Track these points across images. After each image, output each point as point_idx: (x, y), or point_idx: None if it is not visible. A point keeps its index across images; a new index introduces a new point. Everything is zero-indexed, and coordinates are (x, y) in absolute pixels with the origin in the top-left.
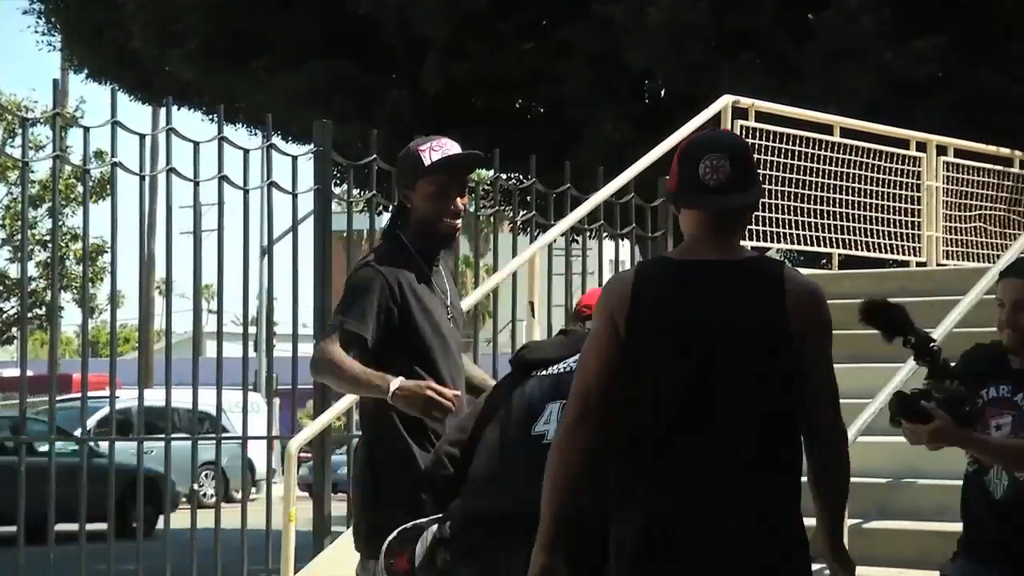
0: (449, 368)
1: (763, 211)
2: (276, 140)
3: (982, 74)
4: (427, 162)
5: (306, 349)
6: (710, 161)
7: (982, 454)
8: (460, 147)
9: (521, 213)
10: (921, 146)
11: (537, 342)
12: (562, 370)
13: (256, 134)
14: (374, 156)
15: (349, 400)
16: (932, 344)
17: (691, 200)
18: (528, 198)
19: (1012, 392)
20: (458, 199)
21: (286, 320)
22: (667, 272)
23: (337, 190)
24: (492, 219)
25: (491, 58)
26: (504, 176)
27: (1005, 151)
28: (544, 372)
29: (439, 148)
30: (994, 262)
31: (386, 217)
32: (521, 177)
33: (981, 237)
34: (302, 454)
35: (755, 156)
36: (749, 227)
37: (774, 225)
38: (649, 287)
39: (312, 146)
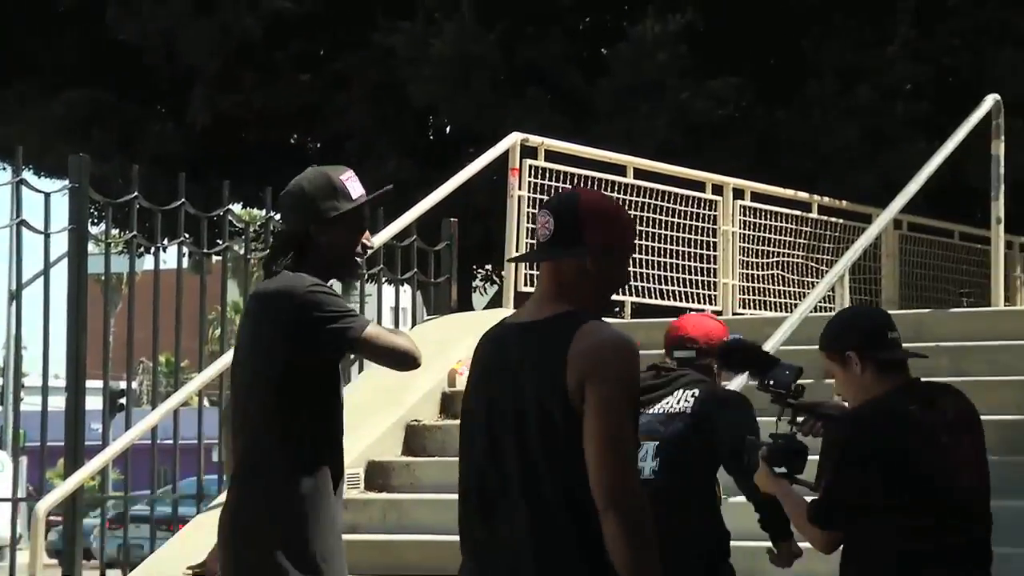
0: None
1: None
2: (28, 175)
3: (780, 115)
4: (355, 194)
5: (57, 402)
6: (540, 217)
7: (786, 509)
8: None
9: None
10: (718, 189)
11: None
12: (656, 412)
13: (5, 168)
14: (135, 194)
15: (104, 458)
16: (791, 388)
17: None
18: None
19: None
20: (369, 234)
21: (35, 371)
22: (491, 334)
23: (94, 230)
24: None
25: (264, 90)
26: (277, 216)
27: (804, 195)
28: (645, 411)
29: (355, 179)
30: (791, 311)
31: (149, 260)
32: None
33: (779, 285)
34: (51, 517)
35: (545, 199)
36: (529, 273)
37: None
38: (477, 350)
39: (67, 182)
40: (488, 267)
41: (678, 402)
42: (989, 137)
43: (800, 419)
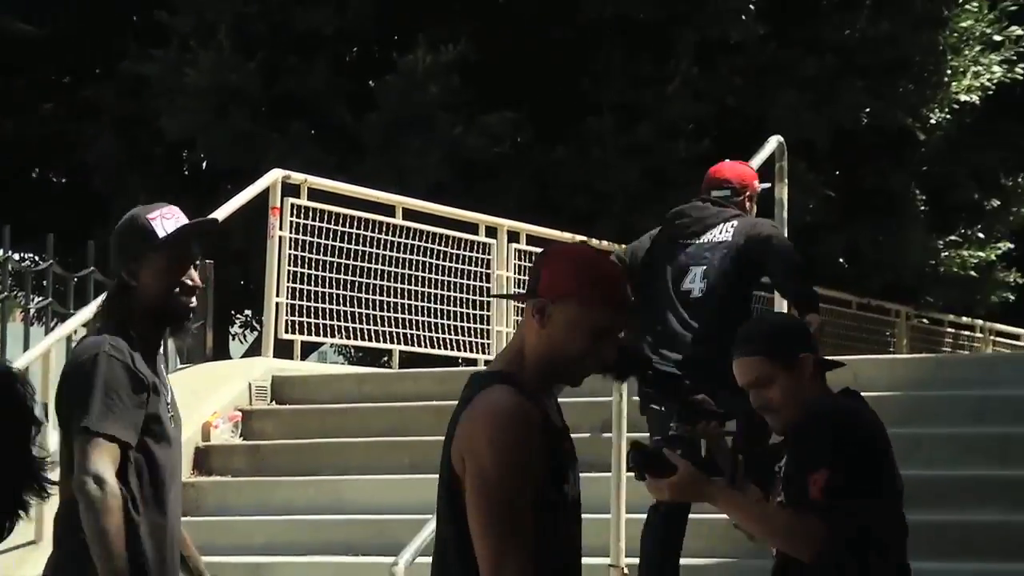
0: (175, 494)
1: (317, 301)
2: None
3: (558, 153)
4: (160, 232)
5: None
6: None
7: (733, 511)
8: (182, 215)
9: (35, 300)
10: (492, 231)
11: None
12: (703, 241)
13: None
14: None
15: None
16: (676, 381)
17: None
18: (44, 282)
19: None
20: (194, 273)
21: None
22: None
23: None
24: (1, 306)
25: (1, 120)
26: (16, 257)
27: (580, 239)
28: (690, 242)
29: (170, 216)
30: None
31: None
32: (36, 258)
33: None
34: None
35: (309, 239)
36: (301, 320)
37: (330, 317)
38: None
39: None
40: (248, 312)
41: (720, 233)
42: (773, 181)
43: (686, 418)
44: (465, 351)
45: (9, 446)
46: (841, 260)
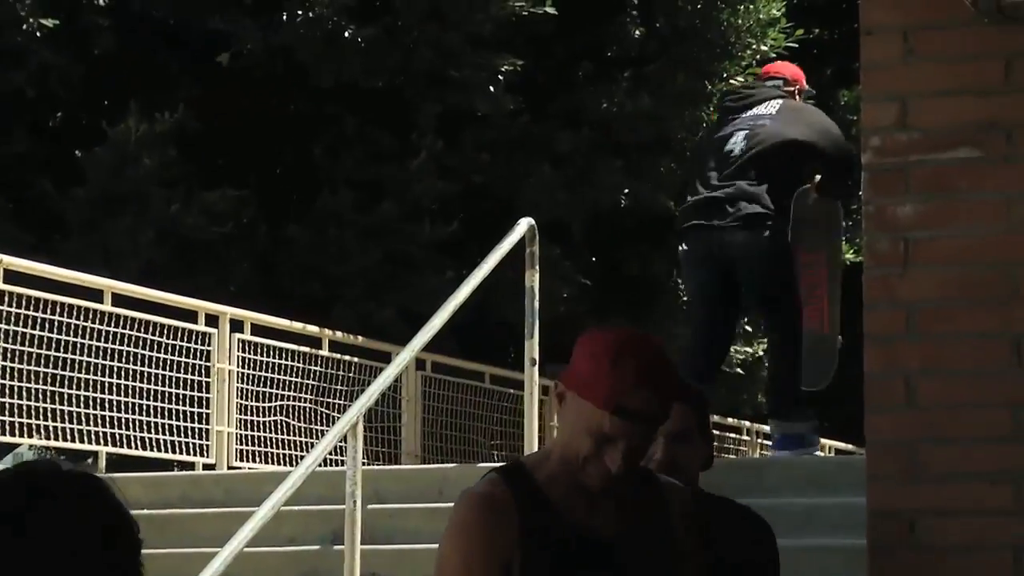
0: None
1: (12, 397)
2: None
3: (288, 233)
4: None
5: None
6: None
7: None
8: None
9: None
10: (212, 320)
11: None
12: (749, 114)
13: None
14: None
15: None
16: None
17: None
18: None
19: None
20: None
21: None
22: None
23: None
24: None
25: None
26: None
27: (313, 329)
28: (737, 116)
29: None
30: (296, 463)
31: None
32: None
33: (283, 434)
34: None
35: (3, 327)
36: None
37: (27, 415)
38: None
39: None
40: None
41: (765, 108)
42: (523, 267)
43: None
44: (181, 453)
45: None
46: None
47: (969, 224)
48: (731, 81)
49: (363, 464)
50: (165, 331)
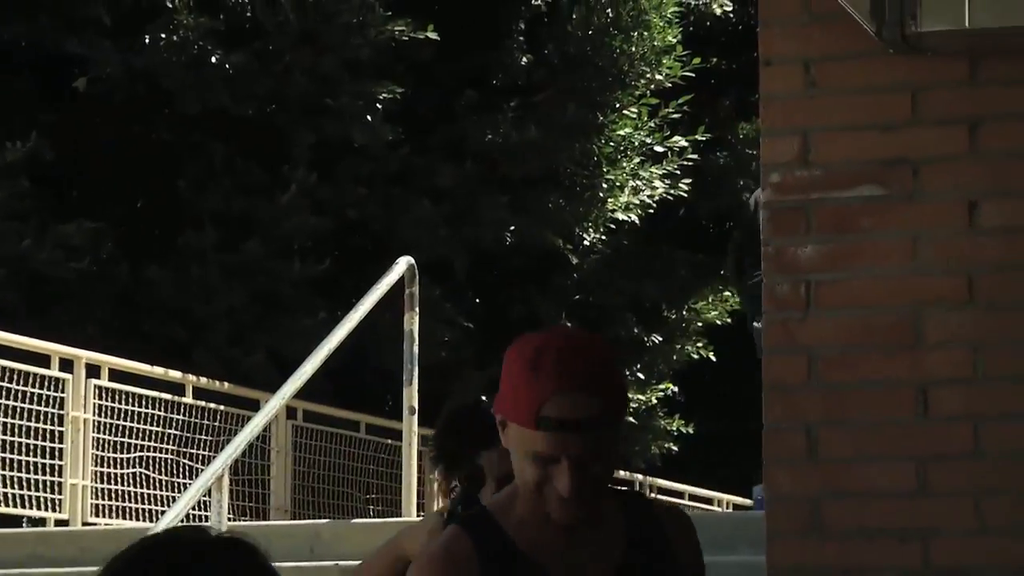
0: None
1: None
2: None
3: (150, 272)
4: None
5: None
6: None
7: None
8: None
9: None
10: (67, 364)
11: None
12: None
13: None
14: None
15: None
16: None
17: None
18: None
19: None
20: None
21: None
22: None
23: None
24: None
25: None
26: None
27: (176, 374)
28: None
29: None
30: (157, 519)
31: None
32: None
33: (143, 487)
34: None
35: None
36: None
37: None
38: None
39: None
40: None
41: None
42: (401, 308)
43: None
44: (31, 508)
45: None
46: (485, 398)
47: (874, 265)
48: (624, 112)
49: (229, 520)
50: (14, 376)
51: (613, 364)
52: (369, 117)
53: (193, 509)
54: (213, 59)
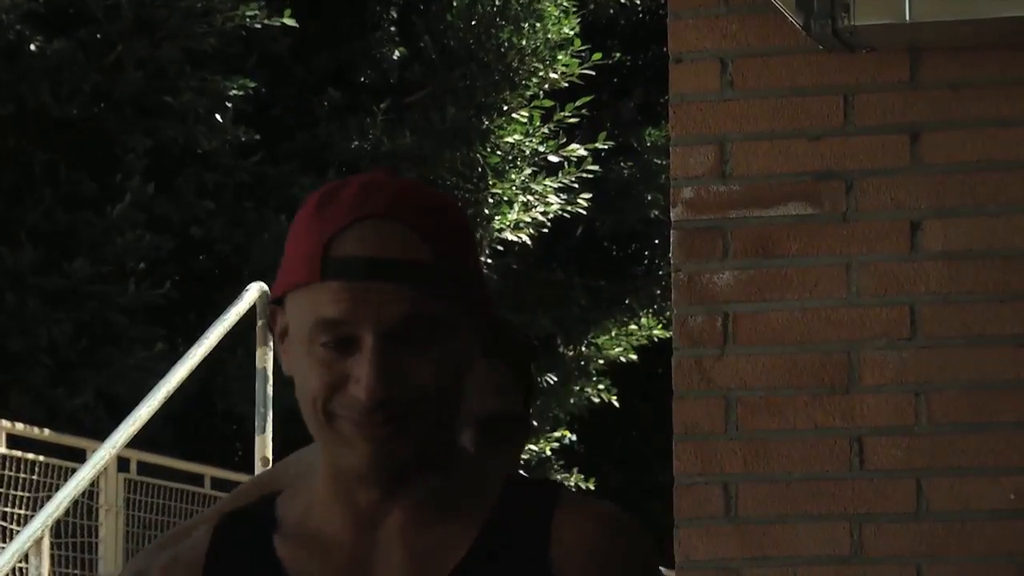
0: None
1: None
2: None
3: None
4: None
5: None
6: None
7: None
8: None
9: None
10: None
11: None
12: None
13: None
14: None
15: None
16: None
17: None
18: None
19: None
20: None
21: None
22: None
23: None
24: None
25: None
26: None
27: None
28: None
29: None
30: None
31: None
32: None
33: None
34: None
35: None
36: None
37: None
38: None
39: None
40: None
41: None
42: (254, 342)
43: None
44: None
45: None
46: None
47: (801, 295)
48: (513, 116)
49: None
50: None
51: (459, 214)
52: (217, 117)
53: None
54: (32, 47)
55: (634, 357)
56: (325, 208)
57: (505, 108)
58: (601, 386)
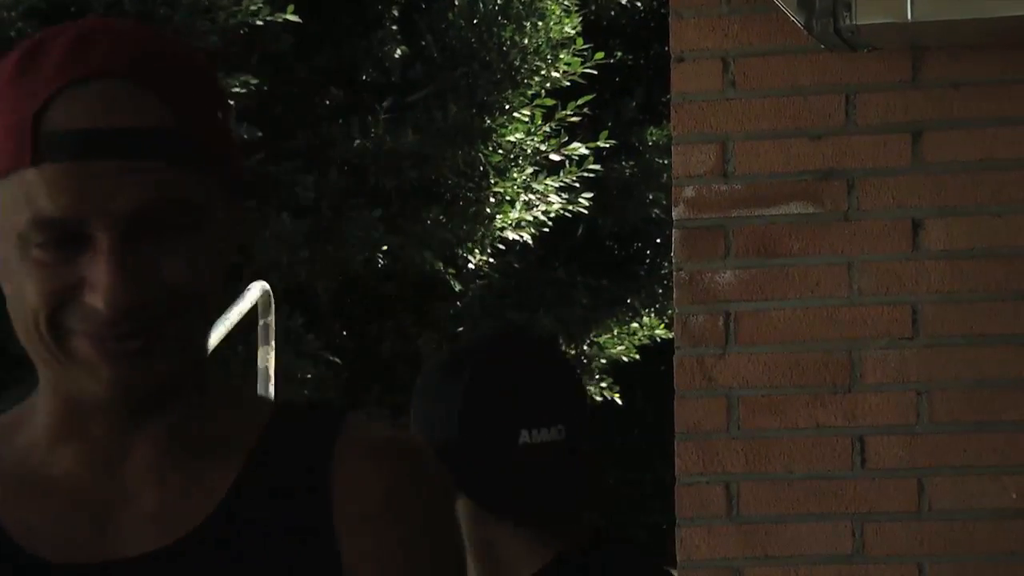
0: None
1: None
2: None
3: None
4: None
5: None
6: None
7: None
8: None
9: None
10: None
11: None
12: None
13: None
14: None
15: None
16: None
17: None
18: None
19: None
20: None
21: None
22: None
23: None
24: None
25: None
26: None
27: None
28: None
29: None
30: None
31: None
32: None
33: None
34: None
35: None
36: None
37: None
38: None
39: None
40: None
41: None
42: (256, 343)
43: None
44: None
45: None
46: None
47: (803, 294)
48: (515, 115)
49: None
50: None
51: (201, 61)
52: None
53: None
54: None
55: (637, 356)
56: (31, 68)
57: (507, 107)
58: (603, 385)
